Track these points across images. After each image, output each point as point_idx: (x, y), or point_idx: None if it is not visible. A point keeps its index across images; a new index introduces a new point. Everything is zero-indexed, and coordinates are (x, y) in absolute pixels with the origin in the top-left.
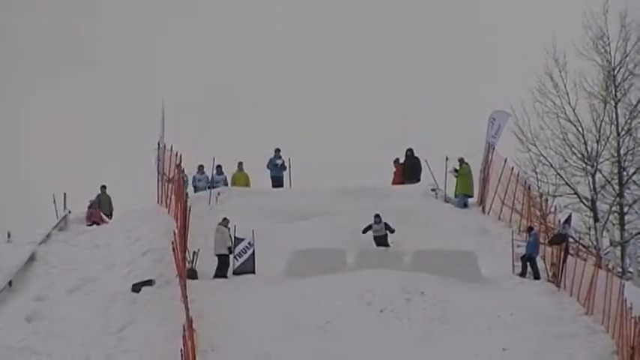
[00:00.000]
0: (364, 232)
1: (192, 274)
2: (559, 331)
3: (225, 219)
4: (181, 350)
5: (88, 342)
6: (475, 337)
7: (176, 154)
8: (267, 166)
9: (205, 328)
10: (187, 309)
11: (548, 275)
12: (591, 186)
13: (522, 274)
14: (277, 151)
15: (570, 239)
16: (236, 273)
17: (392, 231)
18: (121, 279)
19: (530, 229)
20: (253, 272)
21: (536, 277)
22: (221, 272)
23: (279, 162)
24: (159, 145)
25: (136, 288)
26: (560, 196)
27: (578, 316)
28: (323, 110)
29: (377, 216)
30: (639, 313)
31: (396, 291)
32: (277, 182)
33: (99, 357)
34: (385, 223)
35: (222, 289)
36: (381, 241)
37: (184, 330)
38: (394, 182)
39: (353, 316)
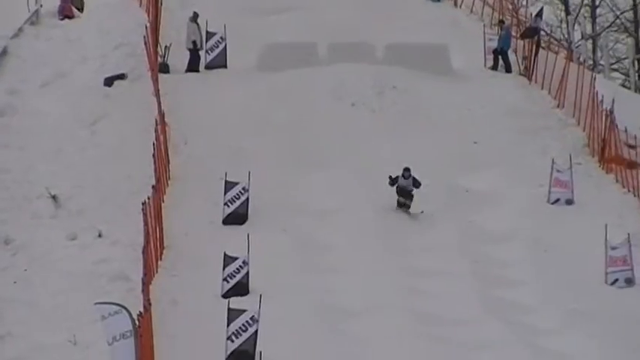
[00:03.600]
0: (391, 184)
1: (164, 68)
2: (530, 124)
3: (194, 13)
4: (154, 144)
5: (60, 135)
6: (446, 130)
7: None
8: None
9: (177, 122)
10: (159, 103)
11: (519, 68)
12: None
13: (494, 68)
14: None
15: (542, 32)
16: (208, 67)
17: (418, 186)
18: (94, 73)
19: (501, 22)
20: (225, 66)
21: (508, 70)
22: (193, 66)
23: None
24: None
25: (109, 82)
26: None
27: (550, 109)
28: None
29: (407, 170)
30: (609, 106)
31: (367, 84)
32: None
33: (71, 150)
34: (414, 178)
35: (194, 83)
36: (407, 194)
37: (157, 124)
38: None
39: (325, 110)
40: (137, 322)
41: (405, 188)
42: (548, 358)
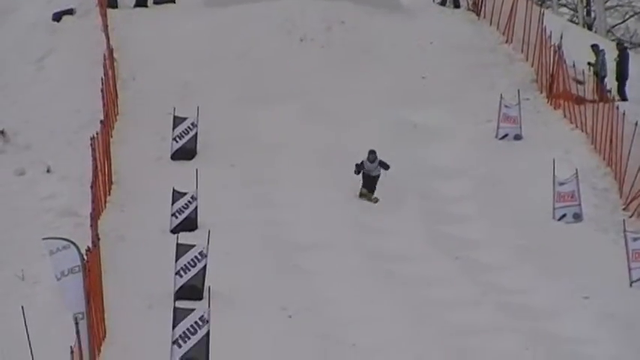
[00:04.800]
0: (357, 172)
1: (113, 3)
2: (479, 59)
3: None
4: (102, 79)
5: (7, 71)
6: (395, 65)
7: None
8: None
9: (126, 57)
10: (108, 38)
11: (468, 4)
12: None
13: (443, 3)
14: None
15: None
16: (156, 2)
17: (387, 168)
18: (42, 9)
19: None
20: (173, 1)
21: (457, 5)
22: (141, 1)
23: None
24: None
25: (57, 17)
26: None
27: (498, 44)
28: None
29: (372, 152)
30: (557, 41)
31: (316, 20)
32: None
33: (19, 86)
34: (380, 161)
35: (142, 18)
36: (370, 182)
37: (105, 59)
38: None
39: (273, 45)
40: (85, 257)
41: (369, 174)
42: (496, 294)
